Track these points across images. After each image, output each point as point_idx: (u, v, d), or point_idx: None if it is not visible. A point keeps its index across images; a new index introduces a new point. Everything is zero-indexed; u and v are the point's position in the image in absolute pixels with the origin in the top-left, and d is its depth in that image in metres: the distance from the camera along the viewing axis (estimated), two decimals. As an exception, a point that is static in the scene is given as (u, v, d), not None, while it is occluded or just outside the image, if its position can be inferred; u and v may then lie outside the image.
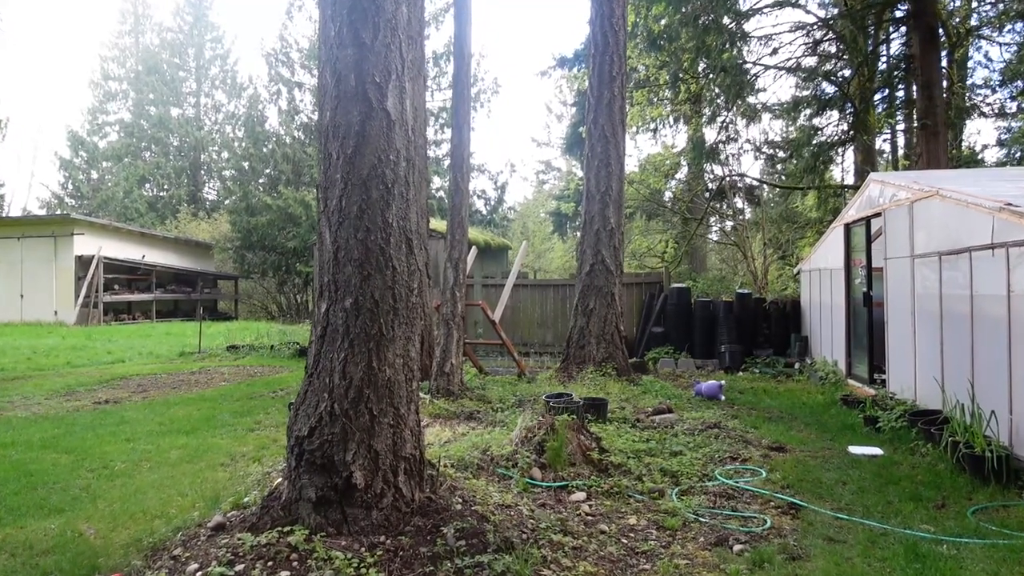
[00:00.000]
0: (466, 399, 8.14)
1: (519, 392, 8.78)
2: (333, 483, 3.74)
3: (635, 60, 17.30)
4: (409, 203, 3.89)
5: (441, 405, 7.80)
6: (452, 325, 8.29)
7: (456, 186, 8.36)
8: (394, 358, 3.86)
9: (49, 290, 26.82)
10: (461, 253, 8.37)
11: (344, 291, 3.76)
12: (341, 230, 3.75)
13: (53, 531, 4.50)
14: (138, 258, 29.18)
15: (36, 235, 27.08)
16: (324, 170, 3.81)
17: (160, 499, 5.06)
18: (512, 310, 14.30)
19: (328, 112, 3.77)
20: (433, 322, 9.33)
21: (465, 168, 8.39)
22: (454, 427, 7.11)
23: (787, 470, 5.68)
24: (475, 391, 8.52)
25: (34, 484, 5.56)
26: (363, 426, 3.78)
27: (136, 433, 7.49)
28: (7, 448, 6.79)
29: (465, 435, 6.75)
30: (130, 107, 47.61)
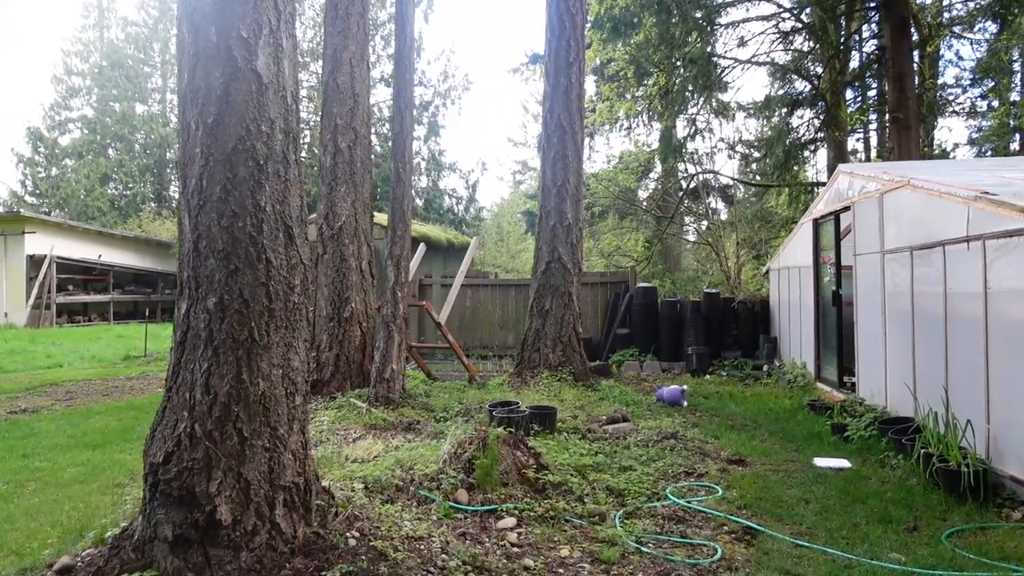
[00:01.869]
0: (407, 408, 7.51)
1: (467, 399, 8.16)
2: (194, 519, 3.11)
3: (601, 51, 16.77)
4: (289, 184, 3.27)
5: (378, 415, 7.17)
6: (393, 327, 7.66)
7: (397, 177, 7.73)
8: (270, 369, 3.23)
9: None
10: (403, 250, 7.74)
11: (207, 288, 3.13)
12: (202, 215, 3.12)
13: None
14: (94, 258, 28.12)
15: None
16: (183, 144, 3.17)
17: (27, 530, 4.39)
18: (472, 311, 13.69)
19: (186, 74, 3.13)
20: (376, 325, 8.69)
21: (407, 157, 7.76)
22: (388, 439, 6.48)
23: (746, 487, 5.14)
24: (418, 399, 7.90)
25: None
26: (231, 450, 3.15)
27: (37, 448, 6.78)
28: None
29: (398, 448, 6.13)
30: (93, 103, 46.25)
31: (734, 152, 23.69)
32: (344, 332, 8.45)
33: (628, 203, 23.43)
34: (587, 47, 17.10)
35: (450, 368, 11.85)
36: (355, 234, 8.59)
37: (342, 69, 8.54)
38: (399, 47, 7.68)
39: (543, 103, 9.68)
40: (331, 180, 8.52)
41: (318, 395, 8.22)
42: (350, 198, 8.56)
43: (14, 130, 71.41)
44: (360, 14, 8.64)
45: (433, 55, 52.02)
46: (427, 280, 13.84)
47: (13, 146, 60.73)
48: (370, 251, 8.82)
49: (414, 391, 8.23)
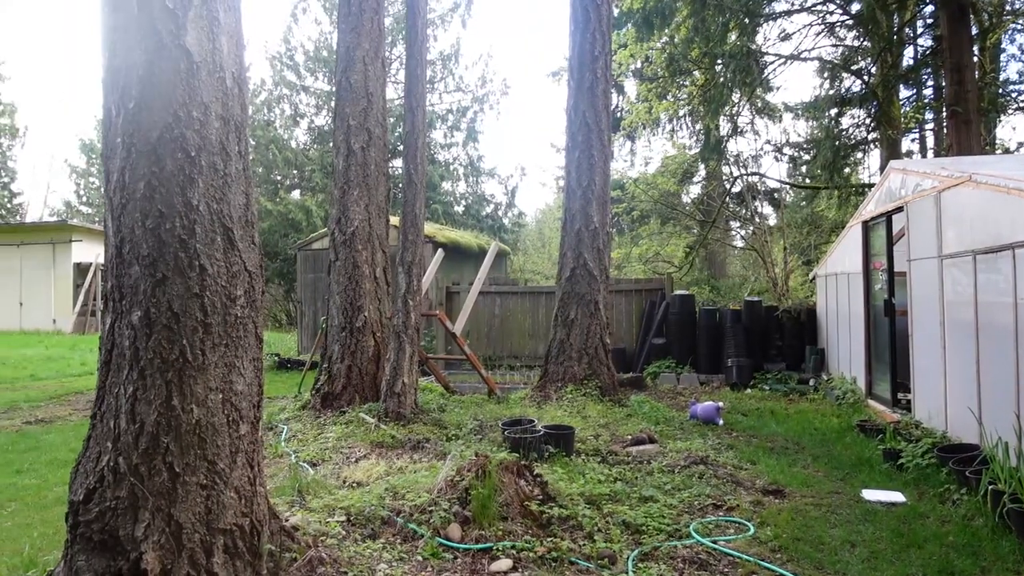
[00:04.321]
0: (419, 424, 7.06)
1: (483, 415, 7.67)
2: (117, 568, 2.68)
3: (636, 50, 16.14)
4: (229, 179, 2.82)
5: (387, 432, 6.73)
6: (404, 338, 7.22)
7: (409, 179, 7.30)
8: (206, 393, 2.79)
9: (48, 298, 26.30)
10: (415, 256, 7.30)
11: (131, 300, 2.70)
12: (125, 216, 2.70)
13: None
14: (138, 265, 28.53)
15: (35, 242, 26.60)
16: (104, 133, 2.76)
17: (-16, 559, 4.05)
18: (501, 320, 13.20)
19: (106, 52, 2.72)
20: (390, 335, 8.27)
21: (419, 158, 7.33)
22: (392, 460, 6.02)
23: (782, 524, 4.50)
24: (432, 414, 7.44)
25: None
26: (160, 488, 2.71)
27: (35, 463, 6.54)
28: None
29: (403, 470, 5.68)
30: (143, 114, 47.36)
31: (781, 154, 22.73)
32: (357, 342, 8.04)
33: (669, 207, 22.68)
34: (623, 46, 16.55)
35: (474, 380, 11.37)
36: (369, 239, 8.19)
37: (355, 67, 8.16)
38: (410, 39, 7.26)
39: (567, 101, 9.15)
40: (343, 183, 8.15)
41: (328, 409, 7.83)
42: (363, 202, 8.17)
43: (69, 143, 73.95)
44: (374, 10, 8.26)
45: (471, 60, 51.94)
46: (455, 287, 13.41)
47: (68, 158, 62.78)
48: (385, 257, 8.41)
49: (428, 406, 7.78)
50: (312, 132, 31.53)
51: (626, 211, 23.96)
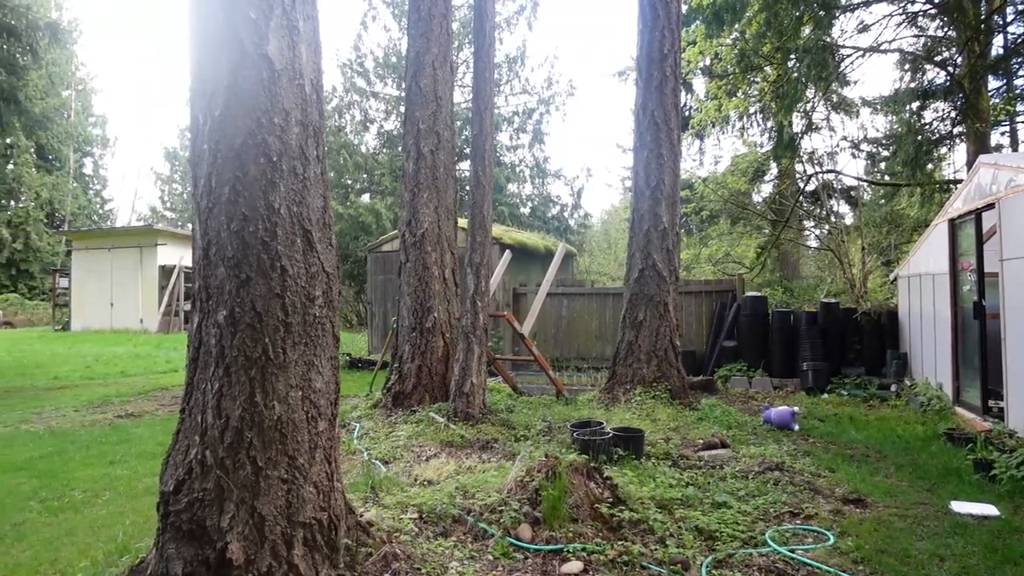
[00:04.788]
0: (487, 424, 7.10)
1: (551, 417, 7.66)
2: (204, 556, 2.80)
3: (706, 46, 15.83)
4: (308, 183, 2.91)
5: (456, 431, 6.80)
6: (472, 339, 7.28)
7: (476, 181, 7.37)
8: (287, 390, 2.88)
9: (135, 299, 27.70)
10: (483, 257, 7.36)
11: (217, 300, 2.82)
12: (211, 219, 2.81)
13: (-62, 586, 3.80)
14: (218, 268, 29.73)
15: (124, 246, 28.06)
16: (192, 140, 2.89)
17: (81, 546, 4.29)
18: (568, 321, 13.16)
19: (193, 63, 2.85)
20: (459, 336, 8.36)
21: (487, 160, 7.38)
22: (462, 459, 6.09)
23: (864, 535, 4.33)
24: (500, 415, 7.48)
25: (-33, 518, 4.94)
26: (244, 481, 2.82)
27: (126, 455, 6.89)
28: (-17, 470, 6.31)
29: (472, 469, 5.73)
30: (222, 123, 49.38)
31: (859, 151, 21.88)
32: (426, 343, 8.16)
33: (740, 207, 22.13)
34: (691, 43, 16.26)
35: (542, 381, 11.37)
36: (438, 241, 8.31)
37: (424, 72, 8.29)
38: (478, 45, 7.32)
39: (635, 100, 9.05)
40: (413, 186, 8.29)
41: (399, 408, 7.97)
42: (433, 204, 8.29)
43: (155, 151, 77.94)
44: (443, 15, 8.37)
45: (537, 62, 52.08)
46: (522, 289, 13.44)
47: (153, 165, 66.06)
48: (454, 259, 8.51)
49: (496, 406, 7.82)
50: (381, 137, 32.20)
51: (695, 211, 23.53)
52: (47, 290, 40.77)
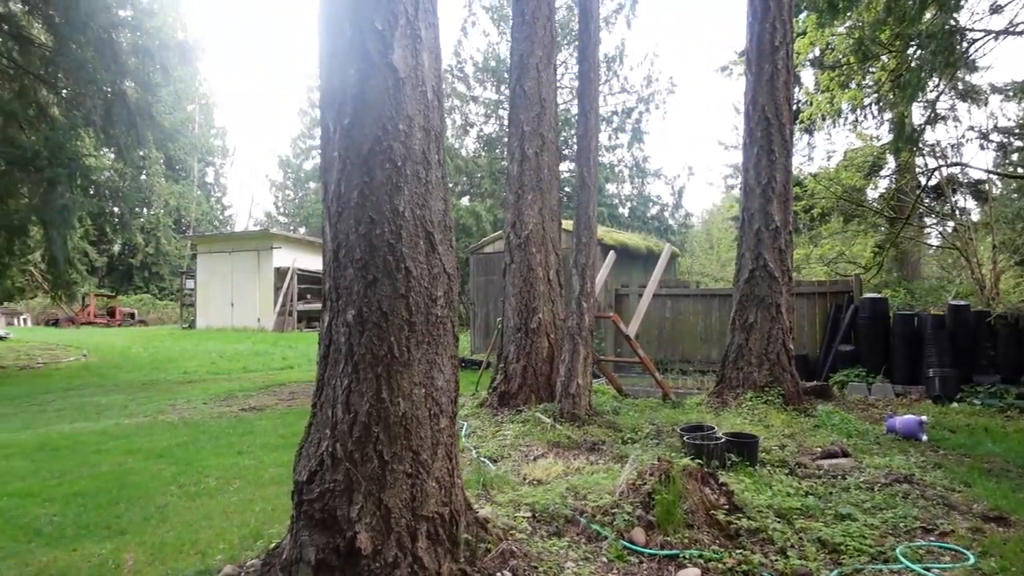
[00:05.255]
0: (593, 426, 7.08)
1: (659, 420, 7.53)
2: (335, 544, 2.93)
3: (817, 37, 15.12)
4: (430, 187, 3.00)
5: (563, 432, 6.82)
6: (578, 340, 7.27)
7: (582, 181, 7.35)
8: (411, 387, 2.97)
9: (253, 299, 29.42)
10: (589, 258, 7.34)
11: (346, 300, 2.95)
12: (340, 222, 2.95)
13: (97, 559, 4.16)
14: (327, 270, 31.13)
15: (243, 249, 29.86)
16: (322, 148, 3.04)
17: (219, 529, 4.59)
18: (672, 322, 12.90)
19: (323, 75, 2.99)
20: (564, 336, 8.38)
21: (592, 161, 7.35)
22: (570, 460, 6.10)
23: (1009, 556, 4.00)
24: (606, 416, 7.43)
25: (119, 499, 5.39)
26: (371, 474, 2.93)
27: (251, 445, 7.32)
28: (129, 455, 6.86)
29: (579, 471, 5.73)
30: (331, 131, 51.70)
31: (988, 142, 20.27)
32: (531, 343, 8.22)
33: (854, 204, 20.99)
34: (801, 34, 15.57)
35: (645, 383, 11.20)
36: (542, 242, 8.35)
37: (528, 74, 8.36)
38: (583, 44, 7.31)
39: (745, 95, 8.76)
40: (518, 188, 8.37)
41: (505, 407, 8.07)
42: (537, 205, 8.34)
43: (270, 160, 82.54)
44: (546, 17, 8.41)
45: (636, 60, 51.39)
46: (624, 290, 13.31)
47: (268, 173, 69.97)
48: (558, 260, 8.53)
49: (602, 408, 7.77)
50: (481, 140, 32.76)
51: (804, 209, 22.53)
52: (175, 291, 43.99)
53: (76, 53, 14.82)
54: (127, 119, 15.50)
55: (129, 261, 45.95)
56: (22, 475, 6.13)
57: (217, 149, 55.21)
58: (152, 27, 17.30)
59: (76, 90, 15.69)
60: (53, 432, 8.12)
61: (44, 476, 6.10)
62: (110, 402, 10.89)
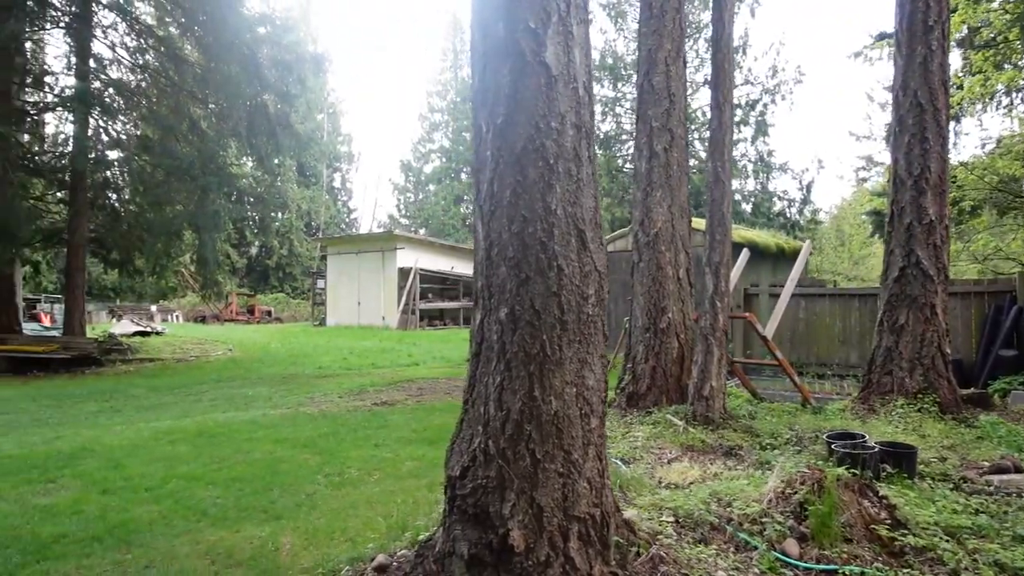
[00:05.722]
0: (728, 430, 6.83)
1: (798, 425, 7.16)
2: (487, 540, 2.97)
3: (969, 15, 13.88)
4: (581, 184, 2.97)
5: (696, 435, 6.62)
6: (712, 341, 7.04)
7: (715, 177, 7.11)
8: (563, 386, 2.96)
9: (378, 298, 30.67)
10: (723, 256, 7.08)
11: (498, 299, 2.97)
12: (493, 221, 2.97)
13: (258, 541, 4.44)
14: (448, 269, 31.99)
15: (369, 250, 31.19)
16: (475, 149, 3.07)
17: (365, 519, 4.79)
18: (806, 323, 12.25)
19: (476, 75, 3.02)
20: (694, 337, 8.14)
21: (727, 155, 7.10)
22: (706, 464, 5.90)
23: None
24: (741, 420, 7.14)
25: (272, 485, 5.74)
26: (523, 472, 2.94)
27: (387, 439, 7.59)
28: (277, 444, 7.30)
29: (717, 476, 5.53)
30: (449, 135, 53.17)
31: None
32: (660, 343, 8.04)
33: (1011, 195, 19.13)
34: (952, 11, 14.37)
35: (779, 387, 10.70)
36: (672, 240, 8.15)
37: (657, 69, 8.18)
38: (716, 34, 7.07)
39: (894, 80, 8.15)
40: (646, 185, 8.21)
41: (633, 408, 7.94)
42: (666, 203, 8.15)
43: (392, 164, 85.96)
44: (675, 10, 8.20)
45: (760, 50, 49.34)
46: (753, 289, 12.77)
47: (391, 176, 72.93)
48: (688, 258, 8.30)
49: (736, 411, 7.48)
50: (597, 138, 32.53)
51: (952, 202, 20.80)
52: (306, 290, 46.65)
53: (223, 70, 15.99)
54: (267, 129, 16.57)
55: (265, 262, 49.17)
56: (186, 459, 6.66)
57: (343, 155, 58.00)
58: (289, 42, 18.39)
59: (223, 104, 16.95)
60: (209, 420, 8.78)
61: (205, 461, 6.60)
62: (256, 394, 11.65)
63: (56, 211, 18.44)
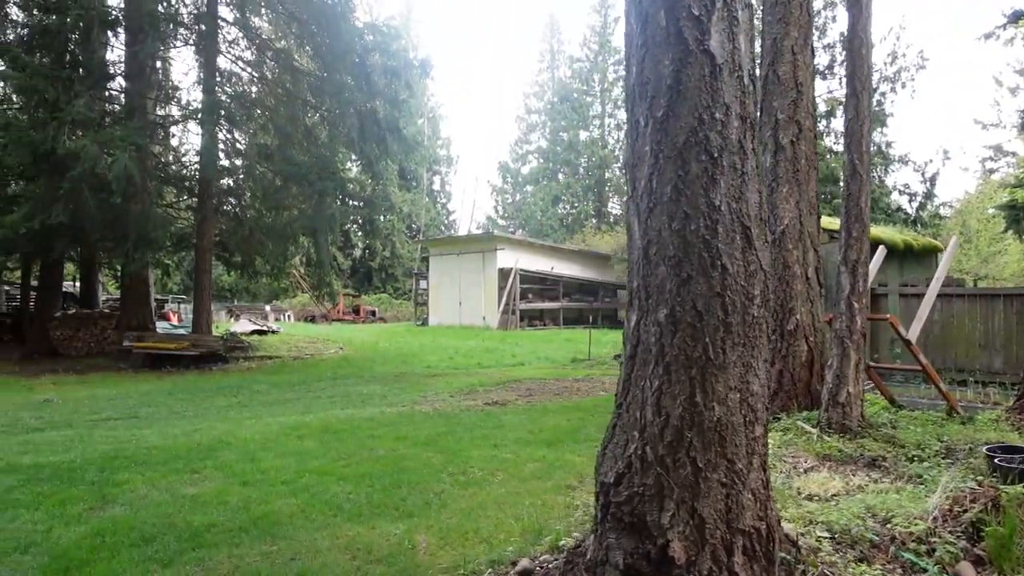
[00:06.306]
0: (868, 439, 6.40)
1: (948, 436, 6.62)
2: (645, 551, 2.85)
3: None
4: (746, 178, 2.80)
5: (832, 444, 6.24)
6: (848, 344, 6.63)
7: (852, 170, 6.68)
8: (726, 392, 2.81)
9: (478, 298, 31.06)
10: (860, 254, 6.65)
11: (657, 299, 2.85)
12: (652, 219, 2.85)
13: (394, 538, 4.50)
14: (547, 269, 31.99)
15: (469, 251, 31.64)
16: (631, 143, 2.96)
17: (495, 520, 4.77)
18: (941, 326, 11.40)
19: (634, 68, 2.91)
20: (826, 339, 7.71)
21: (864, 147, 6.65)
22: (847, 476, 5.55)
23: None
24: (881, 429, 6.68)
25: (399, 482, 5.82)
26: (683, 481, 2.81)
27: (504, 439, 7.58)
28: (398, 442, 7.44)
29: (862, 489, 5.17)
30: (546, 135, 53.24)
31: None
32: (788, 346, 7.66)
33: None
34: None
35: (912, 393, 10.00)
36: (799, 238, 7.74)
37: (783, 58, 7.80)
38: (853, 15, 6.66)
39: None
40: (772, 180, 7.84)
41: (759, 414, 7.59)
42: (793, 199, 7.75)
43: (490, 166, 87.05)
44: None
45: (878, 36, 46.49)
46: (881, 289, 12.00)
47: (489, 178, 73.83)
48: (817, 257, 7.87)
49: (875, 419, 7.01)
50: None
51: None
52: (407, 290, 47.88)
53: (335, 78, 16.60)
54: (377, 134, 17.07)
55: (369, 264, 50.83)
56: (315, 455, 6.88)
57: (442, 158, 59.18)
58: (396, 48, 18.88)
59: (335, 111, 17.60)
60: (331, 417, 9.08)
61: (333, 456, 6.79)
62: (370, 392, 11.99)
63: (185, 217, 19.70)
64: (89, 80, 15.69)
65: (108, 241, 15.60)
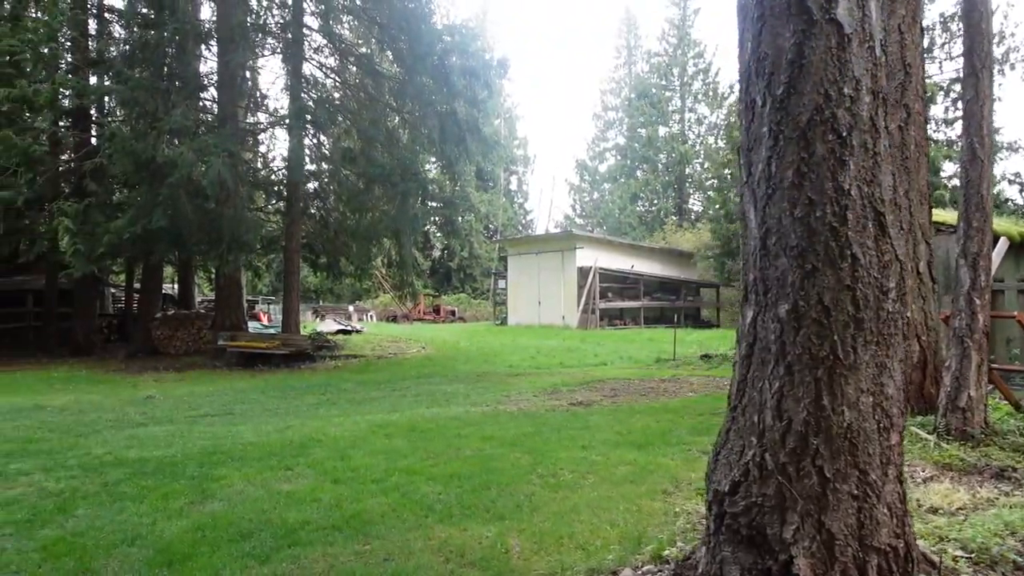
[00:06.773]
0: (993, 447, 5.88)
1: (1087, 445, 6.01)
2: (765, 566, 2.63)
3: None
4: (878, 159, 2.54)
5: (952, 452, 5.76)
6: (969, 344, 6.10)
7: (972, 155, 6.15)
8: (857, 395, 2.54)
9: (558, 297, 30.89)
10: (982, 246, 6.12)
11: (777, 293, 2.62)
12: (771, 206, 2.62)
13: (486, 540, 4.40)
14: (627, 268, 31.50)
15: (548, 250, 31.51)
16: (746, 126, 2.73)
17: (590, 525, 4.60)
18: (1068, 324, 10.43)
19: (748, 43, 2.68)
20: (940, 338, 7.17)
21: (986, 129, 6.11)
22: (973, 487, 5.09)
23: None
24: (1008, 437, 6.12)
25: (488, 483, 5.72)
26: (809, 492, 2.57)
27: (593, 441, 7.39)
28: (485, 442, 7.36)
29: (991, 502, 4.73)
30: (624, 132, 52.54)
31: None
32: (896, 346, 7.14)
33: None
34: None
35: (1038, 397, 9.17)
36: (909, 230, 7.21)
37: (890, 37, 7.26)
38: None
39: None
40: (878, 169, 7.33)
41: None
42: (902, 187, 7.21)
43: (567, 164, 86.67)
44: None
45: (980, 16, 43.56)
46: (997, 285, 11.10)
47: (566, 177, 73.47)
48: (929, 250, 7.32)
49: (999, 426, 6.44)
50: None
51: None
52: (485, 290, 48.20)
53: (416, 80, 16.78)
54: (457, 135, 17.15)
55: (448, 264, 51.45)
56: (404, 453, 6.88)
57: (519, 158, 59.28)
58: (475, 49, 18.94)
59: (416, 113, 17.81)
60: (417, 416, 9.11)
61: (421, 456, 6.77)
62: (454, 391, 12.01)
63: (274, 220, 20.39)
64: (185, 91, 16.44)
65: (203, 244, 16.31)
